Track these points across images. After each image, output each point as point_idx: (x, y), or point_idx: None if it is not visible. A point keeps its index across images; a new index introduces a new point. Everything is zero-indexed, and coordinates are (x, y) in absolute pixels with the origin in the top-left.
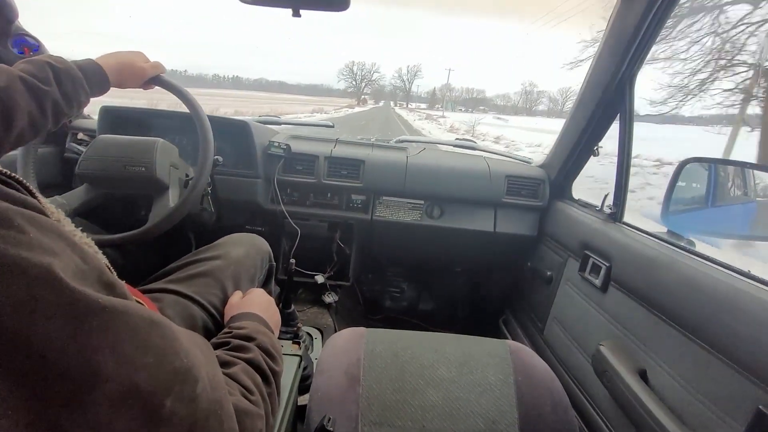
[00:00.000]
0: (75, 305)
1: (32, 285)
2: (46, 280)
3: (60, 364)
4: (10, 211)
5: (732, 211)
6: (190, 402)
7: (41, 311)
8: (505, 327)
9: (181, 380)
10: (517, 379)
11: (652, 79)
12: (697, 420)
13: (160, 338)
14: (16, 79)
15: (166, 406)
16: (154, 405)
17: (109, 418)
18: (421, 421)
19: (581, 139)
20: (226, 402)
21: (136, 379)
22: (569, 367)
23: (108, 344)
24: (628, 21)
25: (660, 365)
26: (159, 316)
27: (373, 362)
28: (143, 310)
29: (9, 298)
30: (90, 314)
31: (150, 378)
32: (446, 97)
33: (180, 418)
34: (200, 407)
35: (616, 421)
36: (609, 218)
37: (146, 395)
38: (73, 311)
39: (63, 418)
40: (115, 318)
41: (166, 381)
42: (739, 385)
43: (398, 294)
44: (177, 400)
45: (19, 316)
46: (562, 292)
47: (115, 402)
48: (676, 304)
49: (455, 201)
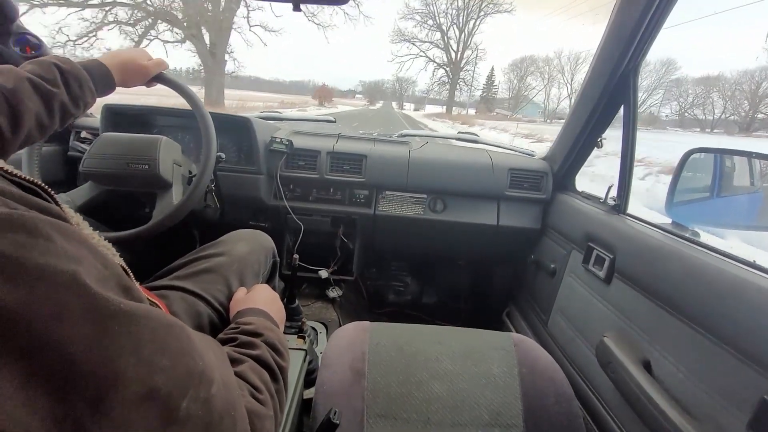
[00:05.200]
0: (100, 310)
1: (60, 292)
2: (73, 287)
3: (86, 366)
4: (38, 220)
5: (737, 202)
6: (205, 403)
7: (69, 317)
8: (508, 320)
9: (196, 382)
10: (521, 371)
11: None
12: (702, 410)
13: (176, 340)
14: (23, 80)
15: (182, 407)
16: (170, 407)
17: (128, 418)
18: (426, 414)
19: (584, 130)
20: (239, 403)
21: (155, 380)
22: (573, 358)
23: (130, 347)
24: (632, 11)
25: (664, 356)
26: (174, 319)
27: (378, 356)
28: (160, 313)
29: (40, 306)
30: (114, 319)
31: (167, 380)
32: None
33: (195, 419)
34: (215, 408)
35: (620, 411)
36: (613, 210)
37: (164, 397)
38: (98, 316)
39: (86, 417)
40: (136, 322)
41: (183, 383)
42: (743, 375)
43: (402, 288)
44: (192, 402)
45: (49, 321)
46: (565, 285)
47: (135, 403)
48: (681, 294)
49: (458, 195)
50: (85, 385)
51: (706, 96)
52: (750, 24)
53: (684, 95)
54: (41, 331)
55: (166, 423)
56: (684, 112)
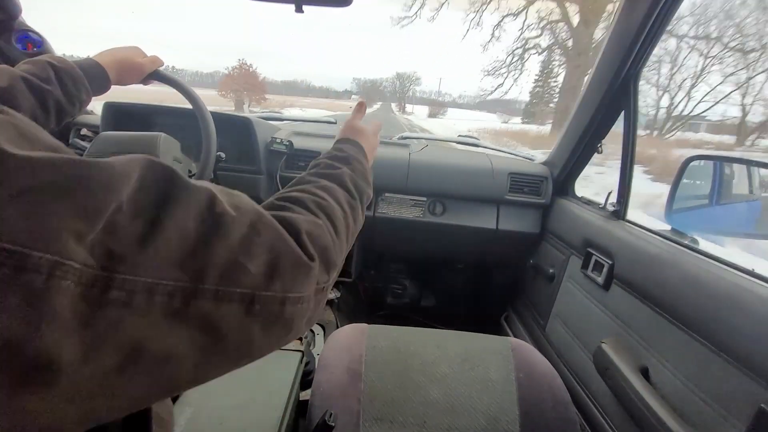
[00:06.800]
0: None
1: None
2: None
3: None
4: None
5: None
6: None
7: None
8: (506, 324)
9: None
10: (519, 376)
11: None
12: (699, 418)
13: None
14: (18, 79)
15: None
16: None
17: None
18: (423, 417)
19: (584, 136)
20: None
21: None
22: (571, 364)
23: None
24: (634, 17)
25: (662, 363)
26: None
27: (375, 358)
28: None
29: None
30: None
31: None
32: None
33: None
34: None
35: (618, 418)
36: (612, 216)
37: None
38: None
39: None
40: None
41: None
42: (741, 383)
43: (400, 290)
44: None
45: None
46: (564, 290)
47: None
48: (679, 302)
49: (457, 198)
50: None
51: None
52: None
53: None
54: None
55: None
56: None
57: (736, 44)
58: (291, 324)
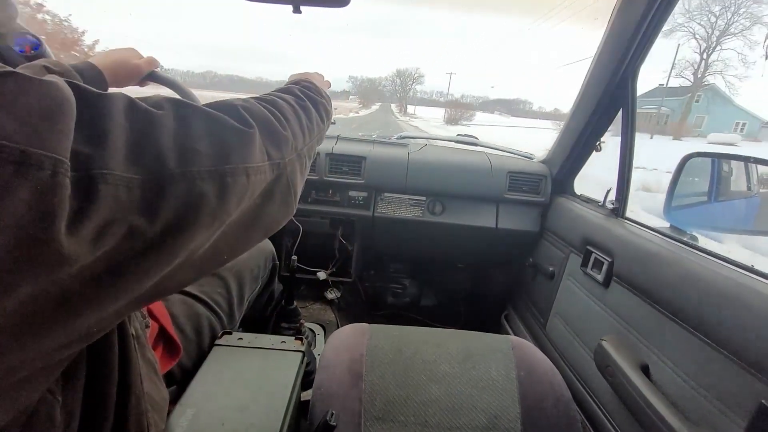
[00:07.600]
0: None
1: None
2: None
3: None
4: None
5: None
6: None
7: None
8: (507, 322)
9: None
10: (519, 374)
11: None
12: (699, 414)
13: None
14: None
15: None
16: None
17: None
18: (424, 417)
19: (583, 134)
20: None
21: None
22: (571, 362)
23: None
24: (631, 15)
25: (662, 360)
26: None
27: (376, 358)
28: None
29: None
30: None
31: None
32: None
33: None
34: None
35: (618, 415)
36: (611, 213)
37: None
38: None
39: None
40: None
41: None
42: (741, 379)
43: (400, 290)
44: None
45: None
46: (564, 288)
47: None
48: (679, 299)
49: (457, 197)
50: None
51: None
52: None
53: None
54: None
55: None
56: None
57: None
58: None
